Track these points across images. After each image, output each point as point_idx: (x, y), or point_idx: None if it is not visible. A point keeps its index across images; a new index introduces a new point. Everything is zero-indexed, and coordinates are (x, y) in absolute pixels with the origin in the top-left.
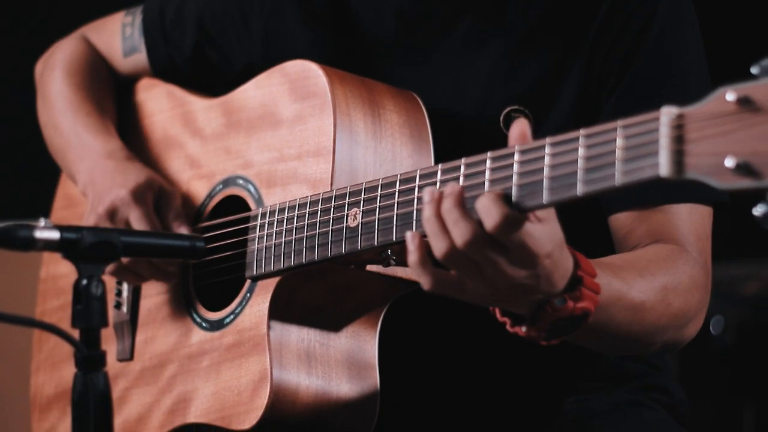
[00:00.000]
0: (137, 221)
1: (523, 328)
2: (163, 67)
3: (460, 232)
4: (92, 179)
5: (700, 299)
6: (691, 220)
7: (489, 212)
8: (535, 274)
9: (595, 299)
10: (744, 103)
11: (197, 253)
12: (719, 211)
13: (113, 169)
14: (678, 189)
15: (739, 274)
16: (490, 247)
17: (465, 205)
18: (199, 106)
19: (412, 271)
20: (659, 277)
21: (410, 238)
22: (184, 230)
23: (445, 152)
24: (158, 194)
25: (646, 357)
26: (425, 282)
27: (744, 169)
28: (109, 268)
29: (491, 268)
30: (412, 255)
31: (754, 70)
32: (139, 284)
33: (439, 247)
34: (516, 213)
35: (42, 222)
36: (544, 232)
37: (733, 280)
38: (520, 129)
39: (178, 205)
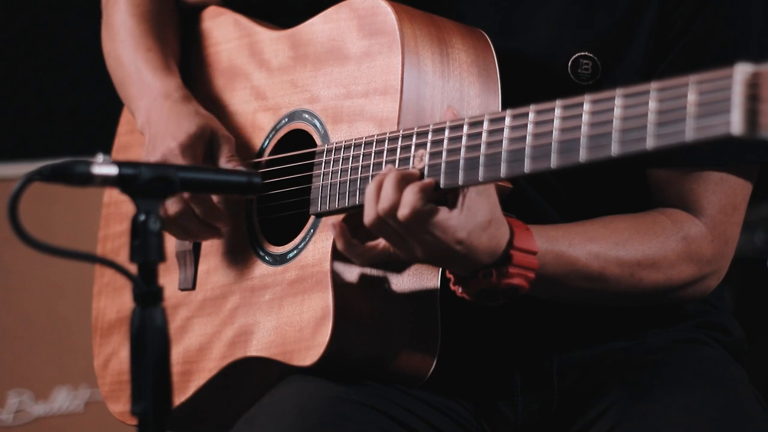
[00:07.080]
0: None
1: (460, 289)
2: None
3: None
4: (149, 119)
5: (693, 273)
6: (718, 190)
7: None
8: (450, 253)
9: (529, 275)
10: None
11: (254, 188)
12: None
13: (168, 111)
14: (715, 156)
15: None
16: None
17: (401, 182)
18: (266, 36)
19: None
20: (633, 252)
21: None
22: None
23: (511, 93)
24: (210, 141)
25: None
26: (357, 260)
27: None
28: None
29: (411, 240)
30: (338, 241)
31: None
32: (190, 241)
33: (367, 214)
34: (431, 206)
35: (100, 158)
36: (457, 221)
37: None
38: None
39: (230, 149)
